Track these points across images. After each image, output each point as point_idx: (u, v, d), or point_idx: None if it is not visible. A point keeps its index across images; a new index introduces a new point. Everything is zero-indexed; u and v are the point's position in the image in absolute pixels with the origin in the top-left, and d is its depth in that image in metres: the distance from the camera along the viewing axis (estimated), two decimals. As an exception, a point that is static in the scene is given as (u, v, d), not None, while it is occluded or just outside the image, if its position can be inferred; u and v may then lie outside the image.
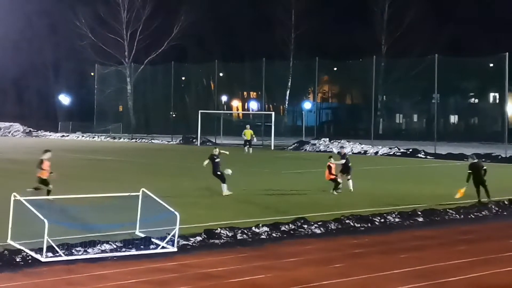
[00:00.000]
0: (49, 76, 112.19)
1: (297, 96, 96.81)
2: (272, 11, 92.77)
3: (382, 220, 21.68)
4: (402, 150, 56.17)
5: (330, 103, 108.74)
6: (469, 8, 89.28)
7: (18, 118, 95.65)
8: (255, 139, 59.37)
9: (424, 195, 28.42)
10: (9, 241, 16.47)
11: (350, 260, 16.40)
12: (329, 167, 28.40)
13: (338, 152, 34.98)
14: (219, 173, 27.88)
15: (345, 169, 29.55)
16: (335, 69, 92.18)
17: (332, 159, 28.82)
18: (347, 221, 21.02)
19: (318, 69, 75.84)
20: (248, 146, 56.68)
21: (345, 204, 24.99)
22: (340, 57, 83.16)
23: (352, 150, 58.43)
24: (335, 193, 28.04)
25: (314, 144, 62.68)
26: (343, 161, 29.61)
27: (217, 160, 27.99)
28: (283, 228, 19.61)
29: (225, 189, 27.49)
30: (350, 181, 29.30)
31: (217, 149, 28.87)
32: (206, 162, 28.03)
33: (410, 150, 55.84)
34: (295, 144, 64.41)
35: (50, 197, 21.51)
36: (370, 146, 59.48)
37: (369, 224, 21.17)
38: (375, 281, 14.60)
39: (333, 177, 28.37)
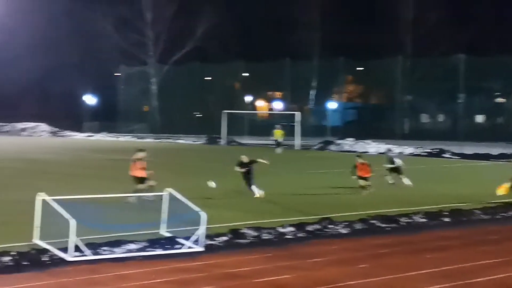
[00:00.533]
0: (74, 77, 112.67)
1: (321, 95, 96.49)
2: (297, 10, 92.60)
3: (408, 220, 21.59)
4: (427, 150, 55.92)
5: (355, 103, 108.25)
6: (494, 6, 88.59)
7: (43, 119, 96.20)
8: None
9: (450, 195, 28.26)
10: (36, 241, 16.57)
11: (375, 261, 16.33)
12: (356, 167, 28.33)
13: (388, 156, 35.29)
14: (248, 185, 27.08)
15: (397, 170, 31.35)
16: (360, 68, 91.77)
17: (359, 158, 28.79)
18: (372, 221, 20.96)
19: (342, 69, 75.73)
20: (279, 146, 56.81)
21: (371, 204, 24.91)
22: (365, 56, 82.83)
23: (377, 150, 58.35)
24: (363, 193, 27.91)
25: (339, 144, 62.55)
26: (392, 165, 31.17)
27: (246, 169, 27.25)
28: (308, 228, 19.58)
29: (256, 191, 26.92)
30: (405, 179, 30.85)
31: (245, 157, 27.89)
32: (237, 169, 27.62)
33: (436, 150, 55.58)
34: (320, 144, 64.30)
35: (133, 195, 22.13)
36: (396, 146, 59.25)
37: (395, 224, 21.09)
38: (400, 282, 14.54)
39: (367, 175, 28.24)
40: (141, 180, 24.87)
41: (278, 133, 57.70)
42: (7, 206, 23.18)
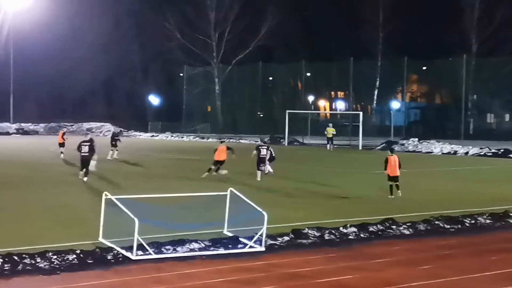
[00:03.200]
0: (139, 77, 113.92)
1: (385, 95, 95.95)
2: (360, 10, 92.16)
3: (472, 221, 21.29)
4: (493, 151, 55.16)
5: (419, 103, 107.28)
6: None
7: (109, 119, 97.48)
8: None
9: (516, 196, 27.84)
10: (101, 239, 16.80)
11: (438, 262, 16.17)
12: (387, 160, 27.55)
13: None
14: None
15: None
16: (424, 68, 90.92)
17: (391, 152, 28.16)
18: (436, 222, 20.73)
19: (406, 69, 75.14)
20: (330, 143, 60.43)
21: (434, 205, 24.67)
22: (429, 56, 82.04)
23: (441, 150, 57.82)
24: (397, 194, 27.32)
25: (403, 144, 62.09)
26: None
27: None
28: (371, 229, 19.46)
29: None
30: None
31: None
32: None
33: (502, 150, 54.78)
34: (383, 144, 63.87)
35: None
36: (460, 146, 58.61)
37: (459, 226, 20.82)
38: (464, 283, 14.37)
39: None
40: (218, 162, 32.92)
41: (330, 131, 60.96)
42: (74, 205, 23.54)
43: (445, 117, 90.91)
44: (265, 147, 34.42)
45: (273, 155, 35.11)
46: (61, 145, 45.83)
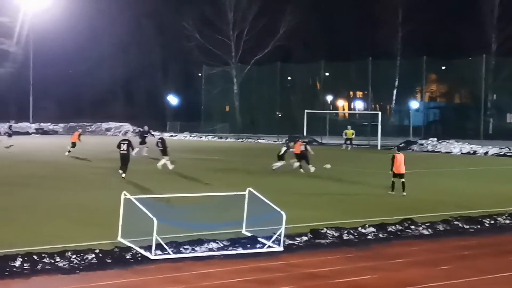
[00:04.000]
0: (158, 77, 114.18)
1: (404, 95, 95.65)
2: (378, 9, 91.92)
3: (492, 222, 21.19)
4: (513, 151, 54.94)
5: (438, 103, 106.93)
6: None
7: (128, 118, 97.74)
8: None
9: (536, 196, 27.68)
10: (120, 239, 16.86)
11: (458, 262, 16.11)
12: (394, 158, 27.78)
13: None
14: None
15: None
16: (443, 68, 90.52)
17: (396, 151, 28.47)
18: (455, 222, 20.65)
19: (425, 68, 74.85)
20: (348, 144, 61.28)
21: (453, 205, 24.59)
22: (448, 55, 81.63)
23: (461, 150, 57.61)
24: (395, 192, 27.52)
25: (422, 144, 61.93)
26: None
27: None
28: (390, 229, 19.40)
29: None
30: None
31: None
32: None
33: (521, 150, 54.57)
34: (402, 144, 63.69)
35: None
36: (480, 146, 58.36)
37: (478, 226, 20.73)
38: (483, 284, 14.31)
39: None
40: (300, 156, 36.75)
41: (349, 133, 61.68)
42: (93, 205, 23.63)
43: (464, 117, 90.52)
44: (304, 144, 37.53)
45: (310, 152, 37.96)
46: (74, 144, 47.13)
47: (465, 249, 17.68)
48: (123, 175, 32.18)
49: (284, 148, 38.15)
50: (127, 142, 33.48)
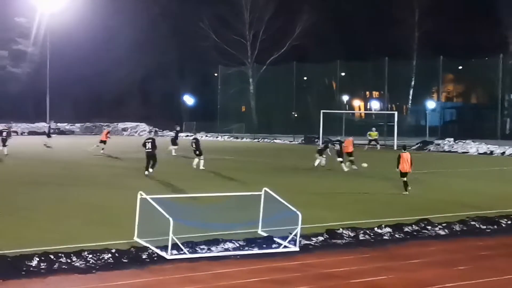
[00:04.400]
0: (174, 77, 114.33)
1: (420, 95, 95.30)
2: (395, 9, 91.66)
3: (509, 222, 21.09)
4: (530, 151, 54.67)
5: (455, 103, 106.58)
6: None
7: (144, 118, 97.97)
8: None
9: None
10: (136, 239, 16.90)
11: (475, 263, 16.05)
12: (400, 157, 28.00)
13: None
14: None
15: None
16: (460, 67, 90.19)
17: (403, 149, 28.76)
18: (472, 223, 20.57)
19: (442, 68, 74.60)
20: (374, 144, 61.60)
21: (470, 205, 24.49)
22: (465, 55, 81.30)
23: (477, 150, 57.39)
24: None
25: (438, 144, 61.73)
26: None
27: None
28: (406, 229, 19.35)
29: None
30: None
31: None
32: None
33: (539, 150, 54.27)
34: (419, 144, 63.56)
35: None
36: (497, 146, 58.11)
37: (495, 226, 20.64)
38: (500, 284, 14.25)
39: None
40: (350, 154, 38.51)
41: (373, 134, 62.12)
42: (109, 204, 23.71)
43: (481, 117, 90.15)
44: (338, 143, 39.82)
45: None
46: (103, 142, 49.06)
47: (482, 249, 17.62)
48: (150, 170, 33.79)
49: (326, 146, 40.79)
50: (151, 140, 34.92)
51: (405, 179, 27.93)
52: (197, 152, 37.89)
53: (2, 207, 22.61)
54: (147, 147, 34.45)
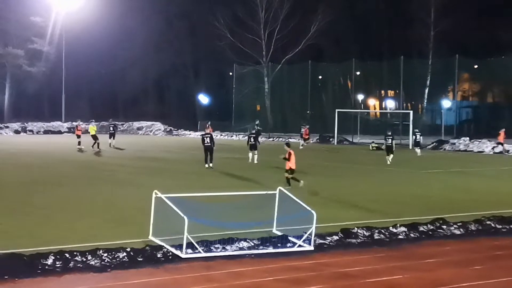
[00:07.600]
0: (189, 76, 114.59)
1: (436, 94, 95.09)
2: (411, 8, 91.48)
3: (526, 222, 20.99)
4: (547, 150, 54.45)
5: (470, 102, 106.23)
6: None
7: (159, 118, 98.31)
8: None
9: None
10: (151, 237, 16.93)
11: (491, 262, 15.98)
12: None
13: None
14: None
15: None
16: (476, 66, 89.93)
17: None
18: (488, 222, 20.47)
19: (458, 67, 74.39)
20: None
21: (485, 205, 24.39)
22: (481, 54, 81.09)
23: (493, 149, 57.19)
24: None
25: (454, 144, 61.55)
26: None
27: None
28: (421, 229, 19.28)
29: None
30: None
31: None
32: None
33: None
34: (434, 143, 63.42)
35: None
36: (512, 145, 57.91)
37: (511, 226, 20.54)
38: (517, 285, 14.18)
39: None
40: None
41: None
42: (124, 203, 23.77)
43: (497, 116, 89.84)
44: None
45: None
46: (78, 136, 53.05)
47: (498, 249, 17.54)
48: (207, 165, 36.96)
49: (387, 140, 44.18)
50: (209, 135, 37.91)
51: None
52: (254, 147, 41.98)
53: (19, 207, 22.73)
54: (206, 142, 37.33)
